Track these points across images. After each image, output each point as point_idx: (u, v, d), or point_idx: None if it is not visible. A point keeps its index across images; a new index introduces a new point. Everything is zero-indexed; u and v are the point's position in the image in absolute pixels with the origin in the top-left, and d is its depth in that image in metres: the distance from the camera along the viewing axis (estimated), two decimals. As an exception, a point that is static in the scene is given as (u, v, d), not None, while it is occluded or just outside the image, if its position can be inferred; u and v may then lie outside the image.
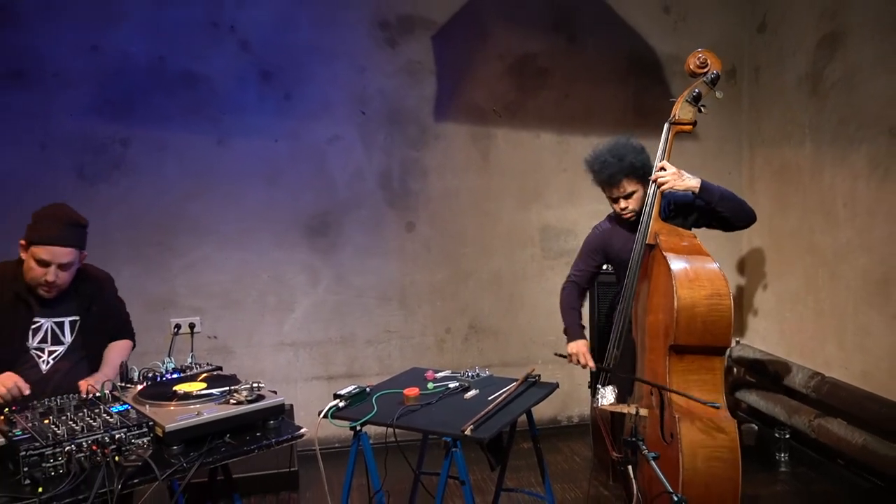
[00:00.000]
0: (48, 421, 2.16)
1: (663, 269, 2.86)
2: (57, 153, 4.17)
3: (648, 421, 2.92)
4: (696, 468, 2.68)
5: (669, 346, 2.80)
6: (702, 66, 3.03)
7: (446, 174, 4.66)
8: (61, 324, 2.70)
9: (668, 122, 3.05)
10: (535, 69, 4.68)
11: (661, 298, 2.87)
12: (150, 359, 2.89)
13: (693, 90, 3.02)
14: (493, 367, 3.24)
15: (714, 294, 2.76)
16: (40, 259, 2.55)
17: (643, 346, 3.04)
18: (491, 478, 3.52)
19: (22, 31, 4.06)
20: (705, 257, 2.88)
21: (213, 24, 4.29)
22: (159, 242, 4.34)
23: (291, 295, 4.55)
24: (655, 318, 2.93)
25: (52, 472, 1.98)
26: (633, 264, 3.04)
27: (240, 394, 2.36)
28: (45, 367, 2.65)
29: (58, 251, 2.56)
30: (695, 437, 2.71)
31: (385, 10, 4.47)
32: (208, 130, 4.35)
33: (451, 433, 2.42)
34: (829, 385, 4.03)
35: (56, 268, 2.57)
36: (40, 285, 2.59)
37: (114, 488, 1.95)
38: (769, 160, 4.70)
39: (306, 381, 4.58)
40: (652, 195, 3.03)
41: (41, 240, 2.55)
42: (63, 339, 2.70)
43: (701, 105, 3.04)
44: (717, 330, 2.77)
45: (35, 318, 2.64)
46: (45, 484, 1.93)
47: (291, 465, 4.04)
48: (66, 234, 2.59)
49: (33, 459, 1.95)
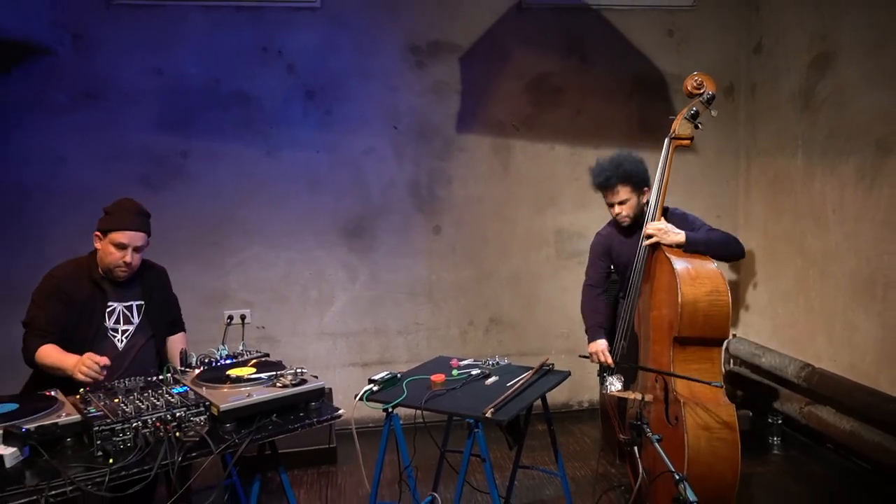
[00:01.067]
0: (118, 400, 2.18)
1: (667, 269, 2.84)
2: (125, 164, 4.24)
3: (653, 406, 2.90)
4: (699, 448, 2.67)
5: (673, 337, 2.78)
6: (698, 87, 3.03)
7: (469, 182, 4.65)
8: (130, 307, 2.75)
9: (668, 138, 3.04)
10: (550, 87, 4.66)
11: (665, 295, 2.85)
12: (206, 346, 2.91)
13: (691, 109, 3.02)
14: (512, 356, 3.23)
15: (714, 291, 2.76)
16: (119, 243, 2.61)
17: (647, 338, 3.02)
18: (509, 456, 3.51)
19: (97, 57, 4.14)
20: (704, 258, 2.88)
21: (263, 50, 4.32)
22: (214, 242, 4.39)
23: (331, 290, 4.57)
24: (659, 312, 2.91)
25: (121, 445, 2.00)
26: (638, 264, 3.02)
27: (285, 378, 2.37)
28: (121, 344, 2.71)
29: (134, 235, 2.64)
30: (698, 420, 2.69)
31: (415, 36, 4.48)
32: (258, 143, 4.38)
33: (474, 415, 2.42)
34: (818, 375, 3.96)
35: (132, 250, 2.64)
36: (118, 267, 2.64)
37: (175, 460, 1.97)
38: (764, 170, 4.63)
39: (343, 367, 4.60)
40: (654, 202, 3.01)
41: (119, 226, 2.61)
42: (133, 320, 2.76)
43: (698, 122, 3.03)
44: (716, 323, 2.77)
45: (109, 302, 2.70)
46: (115, 456, 1.96)
47: (330, 442, 4.07)
48: (138, 221, 2.68)
49: (105, 434, 1.99)
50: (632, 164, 3.07)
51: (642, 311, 3.06)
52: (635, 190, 3.08)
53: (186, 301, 3.11)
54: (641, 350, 3.08)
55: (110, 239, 2.62)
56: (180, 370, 2.61)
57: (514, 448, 2.97)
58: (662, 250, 2.90)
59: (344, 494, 3.68)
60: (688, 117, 3.01)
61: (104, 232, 2.63)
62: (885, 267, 3.60)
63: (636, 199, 3.10)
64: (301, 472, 3.94)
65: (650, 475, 2.79)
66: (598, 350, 3.17)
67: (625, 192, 3.08)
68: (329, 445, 4.06)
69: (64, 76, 4.10)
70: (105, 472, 1.88)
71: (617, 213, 3.13)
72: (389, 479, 3.51)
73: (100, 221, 2.67)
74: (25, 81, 4.05)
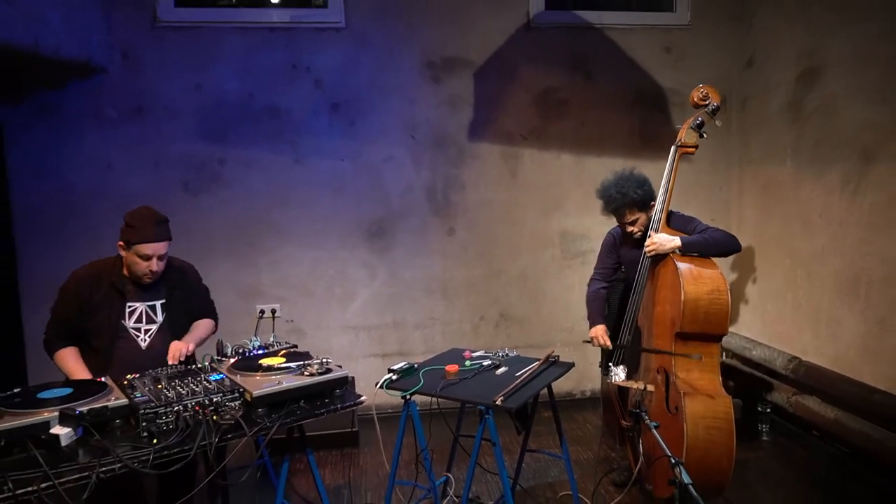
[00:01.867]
0: (161, 386, 2.21)
1: (671, 269, 2.83)
2: (167, 171, 4.28)
3: (654, 395, 2.89)
4: (697, 436, 2.66)
5: (675, 333, 2.77)
6: (704, 98, 3.01)
7: (481, 188, 4.65)
8: (153, 306, 2.67)
9: (674, 146, 3.02)
10: (556, 100, 4.65)
11: (669, 293, 2.84)
12: (240, 337, 2.93)
13: (696, 118, 3.00)
14: (520, 348, 3.22)
15: (714, 290, 2.75)
16: (144, 255, 2.54)
17: (650, 333, 3.01)
18: (517, 440, 3.52)
19: (143, 75, 4.19)
20: (706, 260, 2.87)
21: (293, 67, 4.35)
22: (248, 243, 4.42)
23: (353, 287, 4.59)
24: (663, 309, 2.90)
25: (164, 427, 2.03)
26: (643, 264, 3.00)
27: (312, 367, 2.38)
28: (144, 343, 2.64)
29: (157, 246, 2.56)
30: (697, 409, 2.68)
31: (431, 53, 4.49)
32: (288, 152, 4.41)
33: (485, 403, 2.43)
34: (805, 367, 3.93)
35: (157, 259, 2.58)
36: (145, 275, 2.59)
37: (212, 441, 2.00)
38: (755, 177, 4.59)
39: (365, 357, 4.62)
40: (659, 208, 2.99)
41: (142, 239, 2.53)
42: (156, 319, 2.68)
43: (703, 132, 3.01)
44: (716, 320, 2.76)
45: (129, 302, 2.62)
46: (158, 436, 1.99)
47: (353, 426, 4.09)
48: (159, 231, 2.58)
49: (149, 416, 2.01)
50: (636, 188, 2.99)
51: (646, 307, 3.04)
52: (643, 209, 3.06)
53: (223, 296, 3.13)
54: (644, 344, 3.07)
55: (135, 251, 2.54)
56: (216, 359, 2.63)
57: (522, 433, 2.97)
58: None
59: (365, 474, 3.70)
60: (693, 127, 3.00)
61: (128, 243, 2.56)
62: (868, 267, 3.56)
63: (645, 216, 3.08)
64: (326, 453, 3.96)
65: (649, 459, 2.79)
66: (598, 334, 3.18)
67: (633, 214, 3.06)
68: (352, 429, 4.08)
69: (113, 92, 4.15)
70: (149, 451, 1.90)
71: (630, 231, 3.11)
72: (407, 460, 3.53)
73: (123, 232, 2.58)
74: (79, 96, 4.11)
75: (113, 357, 2.57)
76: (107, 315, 2.58)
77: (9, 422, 1.89)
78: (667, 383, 2.82)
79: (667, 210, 3.00)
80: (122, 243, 2.58)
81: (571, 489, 3.05)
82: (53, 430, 1.89)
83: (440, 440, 3.11)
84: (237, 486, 3.21)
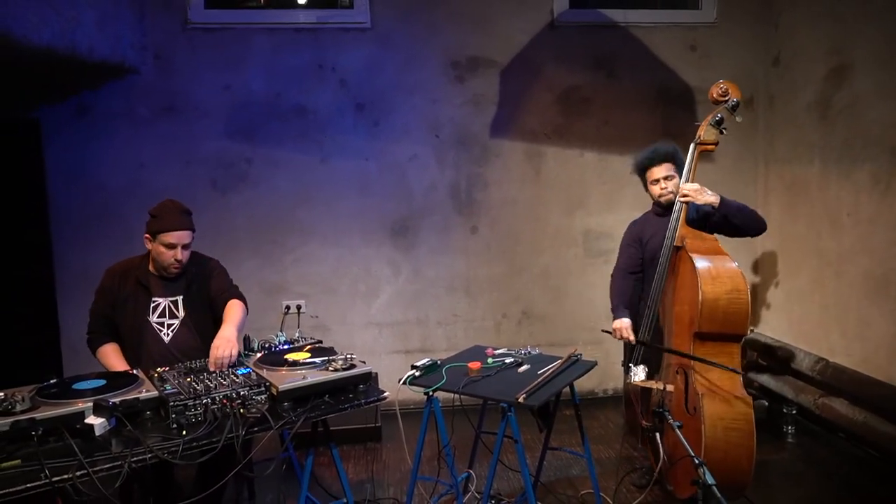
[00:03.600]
0: (190, 380, 2.25)
1: (689, 268, 2.78)
2: (197, 169, 4.34)
3: (674, 396, 2.86)
4: (716, 437, 2.61)
5: (694, 333, 2.73)
6: (723, 94, 2.94)
7: (504, 186, 4.64)
8: (175, 302, 2.72)
9: (693, 143, 2.96)
10: (579, 99, 4.61)
11: (687, 292, 2.79)
12: (266, 333, 2.97)
13: (716, 115, 2.93)
14: (542, 346, 3.20)
15: (734, 290, 2.69)
16: (168, 243, 2.59)
17: (670, 332, 2.97)
18: (539, 438, 3.50)
19: (174, 75, 4.25)
20: (726, 258, 2.80)
21: (319, 67, 4.38)
22: (274, 240, 4.47)
23: (377, 284, 4.61)
24: (681, 308, 2.86)
25: (192, 419, 2.07)
26: (662, 263, 2.96)
27: (336, 363, 2.40)
28: (167, 337, 2.69)
29: (181, 234, 2.62)
30: (716, 410, 2.64)
31: (455, 53, 4.48)
32: (313, 151, 4.44)
33: (507, 400, 2.42)
34: (832, 369, 3.85)
35: (181, 248, 2.63)
36: (171, 265, 2.63)
37: (239, 433, 2.02)
38: (781, 176, 4.51)
39: (388, 354, 4.64)
40: (679, 203, 2.95)
41: (166, 228, 2.58)
42: (178, 314, 2.72)
43: (723, 128, 2.95)
44: (735, 320, 2.69)
45: (154, 298, 2.68)
46: (187, 428, 2.03)
47: (376, 422, 4.10)
48: (183, 221, 2.64)
49: (179, 409, 2.05)
50: (669, 146, 3.11)
51: (666, 307, 3.00)
52: (677, 170, 3.06)
53: (249, 292, 3.13)
54: (665, 343, 3.03)
55: (160, 240, 2.60)
56: (244, 353, 2.66)
57: (544, 431, 2.95)
58: (686, 250, 2.84)
59: (388, 468, 3.72)
60: (713, 123, 2.93)
61: (153, 234, 2.61)
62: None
63: (677, 180, 3.05)
64: (349, 447, 3.99)
65: (671, 459, 2.75)
66: (622, 327, 3.12)
67: (668, 168, 3.08)
68: (375, 424, 4.10)
69: (146, 92, 4.23)
70: (179, 442, 1.94)
71: (662, 188, 3.09)
72: (429, 456, 3.53)
73: (148, 224, 2.63)
74: (113, 97, 4.19)
75: (142, 351, 2.64)
76: (133, 309, 2.65)
77: (46, 411, 1.94)
78: (686, 383, 2.78)
79: (686, 208, 2.95)
80: (148, 235, 2.64)
81: (593, 487, 3.02)
82: (88, 420, 1.94)
83: (462, 437, 3.11)
84: (263, 478, 3.25)
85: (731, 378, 2.72)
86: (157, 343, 2.67)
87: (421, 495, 3.22)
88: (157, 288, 2.69)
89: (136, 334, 2.64)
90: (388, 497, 3.37)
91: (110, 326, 2.67)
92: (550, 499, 3.27)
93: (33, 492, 1.72)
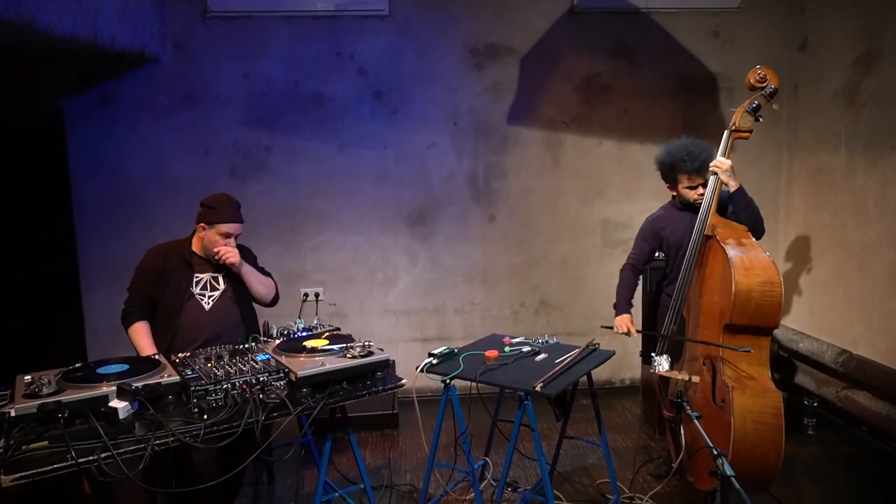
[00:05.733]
0: (211, 365, 2.28)
1: (720, 258, 2.72)
2: (216, 157, 4.39)
3: (700, 387, 2.82)
4: (745, 430, 2.57)
5: (724, 324, 2.68)
6: (761, 80, 2.86)
7: (523, 175, 4.62)
8: (216, 277, 2.87)
9: (727, 131, 2.90)
10: (599, 87, 4.57)
11: (718, 283, 2.73)
12: (285, 320, 3.00)
13: (752, 102, 2.86)
14: (559, 335, 3.19)
15: (767, 281, 2.62)
16: (224, 233, 2.77)
17: (696, 323, 2.92)
18: (555, 427, 3.50)
19: (193, 65, 4.29)
20: (758, 248, 2.72)
21: (337, 55, 4.39)
22: (293, 228, 4.50)
23: (395, 272, 4.63)
24: (710, 299, 2.80)
25: (213, 403, 2.10)
26: (692, 252, 2.91)
27: (354, 350, 2.41)
28: (208, 306, 2.83)
29: (237, 226, 2.81)
30: (744, 403, 2.59)
31: (474, 40, 4.46)
32: (331, 140, 4.46)
33: (524, 388, 2.42)
34: (856, 361, 3.79)
35: (234, 238, 2.81)
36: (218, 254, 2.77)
37: (259, 419, 2.05)
38: (805, 164, 4.43)
39: (405, 341, 4.66)
40: (711, 190, 2.89)
41: (225, 220, 2.76)
42: (218, 287, 2.87)
43: (759, 115, 2.88)
44: (768, 312, 2.63)
45: (196, 273, 2.83)
46: (208, 412, 2.06)
47: (393, 409, 4.14)
48: (238, 214, 2.83)
49: (200, 393, 2.09)
50: (708, 150, 3.02)
51: (693, 297, 2.95)
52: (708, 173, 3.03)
53: (268, 280, 3.19)
54: (690, 334, 2.99)
55: (216, 230, 2.76)
56: (263, 340, 2.71)
57: (561, 420, 2.96)
58: (717, 239, 2.79)
59: (404, 455, 3.75)
60: (749, 110, 2.85)
61: (210, 224, 2.76)
62: (925, 259, 3.40)
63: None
64: (367, 433, 4.03)
65: (690, 450, 2.74)
66: (622, 322, 3.14)
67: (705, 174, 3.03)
68: (392, 411, 4.13)
69: (166, 81, 4.27)
70: (200, 426, 1.97)
71: (700, 193, 3.03)
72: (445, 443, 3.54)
73: (204, 214, 2.78)
74: (134, 86, 4.24)
75: (180, 322, 2.76)
76: (176, 284, 2.79)
77: (71, 394, 1.99)
78: (713, 375, 2.74)
79: (718, 195, 2.90)
80: (204, 224, 2.79)
81: (610, 476, 3.02)
82: (112, 404, 1.98)
83: (479, 424, 3.12)
84: (282, 462, 3.30)
85: (761, 370, 2.67)
86: (199, 311, 2.80)
87: (437, 482, 3.24)
88: (200, 265, 2.85)
89: (178, 306, 2.77)
90: (405, 483, 3.40)
91: (148, 303, 2.79)
92: (566, 487, 3.28)
93: (60, 472, 1.77)
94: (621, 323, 3.16)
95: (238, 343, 2.63)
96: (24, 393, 1.98)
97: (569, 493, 3.23)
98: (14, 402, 1.93)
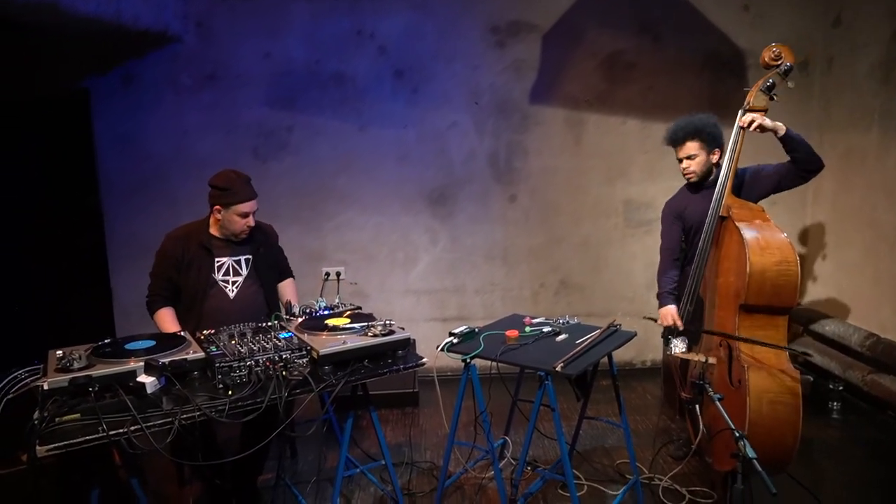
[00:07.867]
0: (235, 342, 2.32)
1: (736, 238, 2.70)
2: (238, 137, 4.41)
3: (716, 368, 2.81)
4: (761, 411, 2.56)
5: (740, 305, 2.66)
6: (776, 58, 2.80)
7: (544, 154, 4.58)
8: (238, 261, 2.84)
9: (742, 110, 2.85)
10: (623, 64, 4.49)
11: (733, 263, 2.72)
12: (307, 299, 3.03)
13: (767, 80, 2.80)
14: (580, 316, 3.18)
15: (783, 261, 2.60)
16: (243, 213, 2.73)
17: (713, 304, 2.91)
18: (575, 407, 3.52)
19: (215, 44, 4.30)
20: (774, 227, 2.70)
21: (358, 33, 4.36)
22: (314, 207, 4.53)
23: (415, 252, 4.65)
24: (726, 280, 2.78)
25: (237, 380, 2.14)
26: (707, 232, 2.89)
27: (375, 329, 2.43)
28: (232, 294, 2.82)
29: (253, 204, 2.76)
30: (761, 383, 2.58)
31: (496, 17, 4.40)
32: (352, 119, 4.46)
33: (545, 368, 2.43)
34: (884, 345, 3.73)
35: (252, 215, 2.78)
36: (242, 231, 2.77)
37: (282, 395, 2.09)
38: (834, 144, 4.32)
39: (426, 321, 4.69)
40: (726, 171, 2.85)
41: (241, 199, 2.71)
42: (241, 272, 2.84)
43: (773, 94, 2.82)
44: (784, 293, 2.61)
45: (217, 258, 2.80)
46: (233, 388, 2.10)
47: (414, 387, 4.18)
48: (251, 190, 2.77)
49: (224, 370, 2.12)
50: (703, 121, 2.96)
51: (709, 278, 2.93)
52: (704, 147, 2.96)
53: (290, 259, 3.22)
54: (706, 314, 2.97)
55: (234, 211, 2.71)
56: (285, 318, 2.74)
57: (581, 400, 2.96)
58: (732, 220, 2.76)
59: (425, 433, 3.80)
60: (763, 89, 2.80)
61: (226, 205, 2.71)
62: (959, 241, 3.31)
63: (704, 157, 2.98)
64: (387, 411, 4.08)
65: (710, 431, 2.73)
66: (669, 314, 3.08)
67: (693, 147, 2.97)
68: (413, 390, 4.17)
69: (189, 60, 4.29)
70: (225, 401, 2.02)
71: (684, 167, 3.02)
72: (465, 422, 3.59)
73: (218, 197, 2.72)
74: (157, 65, 4.27)
75: (204, 308, 2.77)
76: (197, 270, 2.78)
77: (101, 369, 2.04)
78: (730, 356, 2.73)
79: (733, 175, 2.86)
80: (219, 206, 2.73)
81: (630, 457, 3.03)
82: (140, 379, 2.03)
83: (499, 404, 3.14)
84: (304, 439, 3.37)
85: (778, 351, 2.66)
86: (223, 298, 2.80)
87: (457, 460, 3.28)
88: (220, 249, 2.83)
89: (200, 293, 2.77)
90: (425, 460, 3.45)
91: (171, 289, 2.79)
92: (586, 467, 3.30)
93: (92, 444, 1.83)
94: (666, 314, 3.09)
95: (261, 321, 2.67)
96: (56, 367, 2.04)
97: (588, 472, 3.25)
98: (47, 376, 1.99)
